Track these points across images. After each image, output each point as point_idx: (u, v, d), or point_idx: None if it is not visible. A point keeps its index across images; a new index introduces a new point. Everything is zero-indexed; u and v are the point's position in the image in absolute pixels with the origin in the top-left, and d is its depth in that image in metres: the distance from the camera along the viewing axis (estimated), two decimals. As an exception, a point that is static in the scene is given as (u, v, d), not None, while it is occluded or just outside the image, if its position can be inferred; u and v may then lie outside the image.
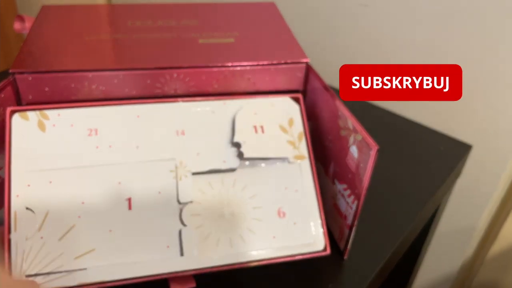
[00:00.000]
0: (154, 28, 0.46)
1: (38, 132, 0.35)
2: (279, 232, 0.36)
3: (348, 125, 0.37)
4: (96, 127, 0.36)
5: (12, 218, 0.32)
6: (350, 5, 0.63)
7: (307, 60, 0.43)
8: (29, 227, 0.32)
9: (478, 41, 0.54)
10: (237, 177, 0.37)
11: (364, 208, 0.44)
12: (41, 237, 0.32)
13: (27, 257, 0.31)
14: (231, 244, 0.35)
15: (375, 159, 0.33)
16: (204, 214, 0.35)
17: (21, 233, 0.32)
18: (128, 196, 0.34)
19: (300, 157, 0.39)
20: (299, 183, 0.38)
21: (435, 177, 0.51)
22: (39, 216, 0.33)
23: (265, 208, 0.36)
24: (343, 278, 0.39)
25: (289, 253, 0.36)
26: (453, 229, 0.67)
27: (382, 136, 0.57)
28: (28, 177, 0.34)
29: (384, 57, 0.63)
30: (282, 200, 0.37)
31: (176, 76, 0.40)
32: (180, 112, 0.38)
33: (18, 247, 0.32)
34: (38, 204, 0.33)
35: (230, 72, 0.41)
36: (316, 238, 0.37)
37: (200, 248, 0.34)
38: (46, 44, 0.42)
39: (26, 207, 0.33)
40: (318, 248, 0.36)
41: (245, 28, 0.48)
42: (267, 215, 0.36)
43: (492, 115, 0.56)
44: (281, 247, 0.36)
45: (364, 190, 0.35)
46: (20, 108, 0.36)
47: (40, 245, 0.32)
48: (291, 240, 0.36)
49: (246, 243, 0.35)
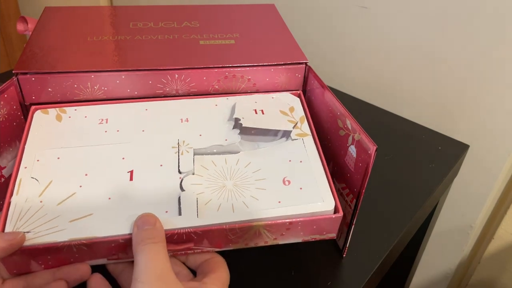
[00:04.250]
0: (155, 30, 0.46)
1: (55, 122, 0.39)
2: (284, 197, 0.34)
3: (347, 125, 0.37)
4: (107, 117, 0.39)
5: (16, 184, 0.33)
6: (350, 7, 0.63)
7: (307, 61, 0.43)
8: (31, 192, 0.33)
9: (476, 42, 0.54)
10: (241, 157, 0.37)
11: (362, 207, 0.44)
12: (41, 201, 0.33)
13: (23, 216, 0.32)
14: (233, 209, 0.33)
15: (374, 158, 0.34)
16: (205, 184, 0.35)
17: (22, 196, 0.33)
18: (130, 169, 0.35)
19: (303, 135, 0.39)
20: (303, 155, 0.37)
21: (433, 176, 0.52)
22: (42, 184, 0.34)
23: (269, 179, 0.35)
24: (341, 275, 0.39)
25: (296, 213, 0.33)
26: (451, 228, 0.67)
27: (380, 135, 0.57)
28: (38, 154, 0.36)
29: (383, 58, 0.64)
30: (287, 171, 0.36)
31: (177, 76, 0.41)
32: (186, 104, 0.41)
33: (16, 207, 0.32)
34: (43, 175, 0.34)
35: (231, 73, 0.42)
36: (325, 199, 0.34)
37: (199, 211, 0.33)
38: (49, 45, 0.42)
39: (31, 177, 0.34)
40: (328, 208, 0.34)
41: (246, 30, 0.48)
42: (272, 184, 0.35)
43: (489, 115, 0.57)
44: (288, 209, 0.33)
45: (362, 190, 0.35)
46: (43, 106, 0.39)
47: (39, 208, 0.32)
48: (298, 203, 0.34)
49: (249, 208, 0.33)
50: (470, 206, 0.64)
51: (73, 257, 0.32)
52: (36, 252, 0.31)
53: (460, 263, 0.70)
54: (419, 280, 0.76)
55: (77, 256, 0.32)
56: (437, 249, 0.70)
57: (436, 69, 0.59)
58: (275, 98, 0.43)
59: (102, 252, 0.32)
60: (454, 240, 0.68)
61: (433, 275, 0.74)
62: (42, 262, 0.32)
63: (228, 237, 0.33)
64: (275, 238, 0.34)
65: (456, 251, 0.69)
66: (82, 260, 0.32)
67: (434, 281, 0.74)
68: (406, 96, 0.63)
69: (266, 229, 0.33)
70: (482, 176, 0.61)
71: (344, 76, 0.69)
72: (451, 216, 0.66)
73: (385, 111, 0.63)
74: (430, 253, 0.71)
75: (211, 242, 0.33)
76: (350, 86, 0.68)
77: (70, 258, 0.32)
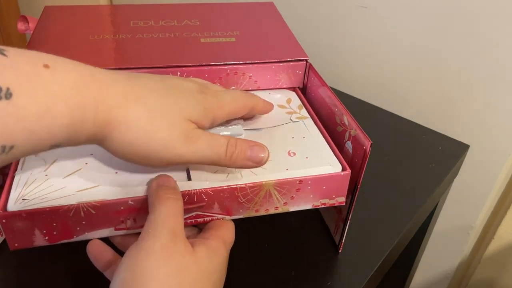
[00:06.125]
0: (156, 28, 0.47)
1: None
2: (291, 165, 0.35)
3: (344, 121, 0.37)
4: None
5: (21, 162, 0.33)
6: (349, 7, 0.63)
7: (307, 58, 0.44)
8: (36, 168, 0.33)
9: (476, 42, 0.54)
10: (244, 137, 0.37)
11: (363, 207, 0.45)
12: (46, 175, 0.32)
13: (29, 185, 0.31)
14: (241, 175, 0.34)
15: (369, 154, 0.34)
16: None
17: (27, 171, 0.32)
18: None
19: (303, 118, 0.41)
20: (305, 133, 0.39)
21: (433, 176, 0.52)
22: (47, 162, 0.33)
23: (274, 152, 0.36)
24: (341, 275, 0.39)
25: (305, 174, 0.34)
26: (451, 227, 0.67)
27: (380, 135, 0.58)
28: None
29: (383, 58, 0.64)
30: (291, 145, 0.37)
31: (179, 74, 0.41)
32: None
33: (21, 178, 0.32)
34: (47, 155, 0.34)
35: (232, 70, 0.42)
36: (331, 163, 0.35)
37: (208, 178, 0.33)
38: (50, 44, 0.42)
39: (36, 156, 0.34)
40: (335, 170, 0.35)
41: (246, 28, 0.48)
42: (277, 156, 0.36)
43: (489, 115, 0.57)
44: (297, 172, 0.34)
45: (358, 185, 0.36)
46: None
47: (44, 180, 0.32)
48: (306, 168, 0.35)
49: (258, 175, 0.34)
50: (470, 206, 0.64)
51: (80, 225, 0.31)
52: (42, 218, 0.30)
53: (460, 263, 0.70)
54: (419, 280, 0.76)
55: (84, 224, 0.31)
56: (437, 249, 0.70)
57: (436, 69, 0.59)
58: (272, 94, 0.44)
59: (111, 218, 0.32)
60: (454, 240, 0.68)
61: (433, 275, 0.74)
62: (47, 231, 0.31)
63: (238, 200, 0.33)
64: (285, 203, 0.35)
65: (456, 251, 0.69)
66: (89, 229, 0.32)
67: (434, 281, 0.74)
68: (406, 96, 0.63)
69: (277, 189, 0.33)
70: (482, 176, 0.61)
71: (344, 76, 0.69)
72: (451, 216, 0.66)
73: (385, 111, 0.63)
74: (430, 253, 0.71)
75: (222, 207, 0.33)
76: (350, 86, 0.68)
77: (76, 226, 0.31)
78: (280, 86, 0.44)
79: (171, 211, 0.29)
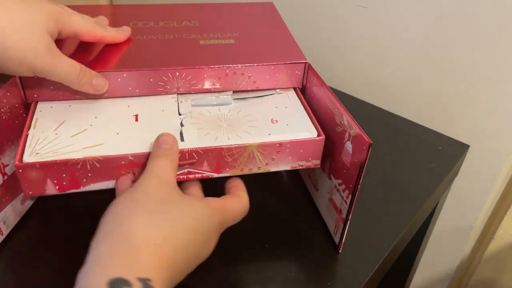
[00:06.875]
0: (155, 30, 0.47)
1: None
2: (274, 131, 0.39)
3: (343, 121, 0.38)
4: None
5: (33, 122, 0.38)
6: (350, 7, 0.63)
7: (306, 59, 0.44)
8: (47, 127, 0.38)
9: (476, 42, 0.54)
10: (232, 107, 0.42)
11: (363, 207, 0.45)
12: (56, 134, 0.37)
13: (41, 142, 0.36)
14: (228, 138, 0.38)
15: (368, 154, 0.34)
16: (203, 124, 0.40)
17: (39, 130, 0.37)
18: (135, 113, 0.40)
19: (286, 90, 0.45)
20: (288, 103, 0.43)
21: (433, 176, 0.52)
22: (57, 122, 0.38)
23: (259, 120, 0.41)
24: (342, 275, 0.40)
25: (285, 139, 0.38)
26: (451, 227, 0.67)
27: (380, 135, 0.58)
28: (51, 103, 0.40)
29: (383, 58, 0.64)
30: (274, 114, 0.41)
31: (178, 74, 0.41)
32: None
33: (34, 136, 0.37)
34: (57, 116, 0.39)
35: (231, 70, 0.42)
36: (309, 130, 0.40)
37: (199, 139, 0.38)
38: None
39: (46, 117, 0.39)
40: (312, 136, 0.39)
41: (245, 29, 0.48)
42: (261, 123, 0.40)
43: (489, 115, 0.57)
44: (277, 137, 0.39)
45: (358, 185, 0.36)
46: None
47: (54, 138, 0.37)
48: (286, 133, 0.39)
49: (243, 138, 0.38)
50: (470, 206, 0.64)
51: (86, 176, 0.36)
52: (53, 169, 0.34)
53: (460, 263, 0.70)
54: (419, 280, 0.76)
55: (90, 176, 0.36)
56: (437, 249, 0.70)
57: (436, 69, 0.59)
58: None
59: (113, 171, 0.36)
60: (454, 240, 0.68)
61: (433, 275, 0.74)
62: (58, 181, 0.35)
63: (225, 159, 0.38)
64: (266, 163, 0.39)
65: (456, 251, 0.69)
66: (94, 180, 0.36)
67: (434, 281, 0.74)
68: (406, 96, 0.63)
69: (259, 151, 0.38)
70: (482, 176, 0.61)
71: (344, 76, 0.69)
72: (451, 216, 0.66)
73: (385, 111, 0.63)
74: (430, 253, 0.71)
75: (210, 165, 0.37)
76: (350, 86, 0.68)
77: (83, 178, 0.36)
78: (279, 86, 0.45)
79: (163, 167, 0.33)
